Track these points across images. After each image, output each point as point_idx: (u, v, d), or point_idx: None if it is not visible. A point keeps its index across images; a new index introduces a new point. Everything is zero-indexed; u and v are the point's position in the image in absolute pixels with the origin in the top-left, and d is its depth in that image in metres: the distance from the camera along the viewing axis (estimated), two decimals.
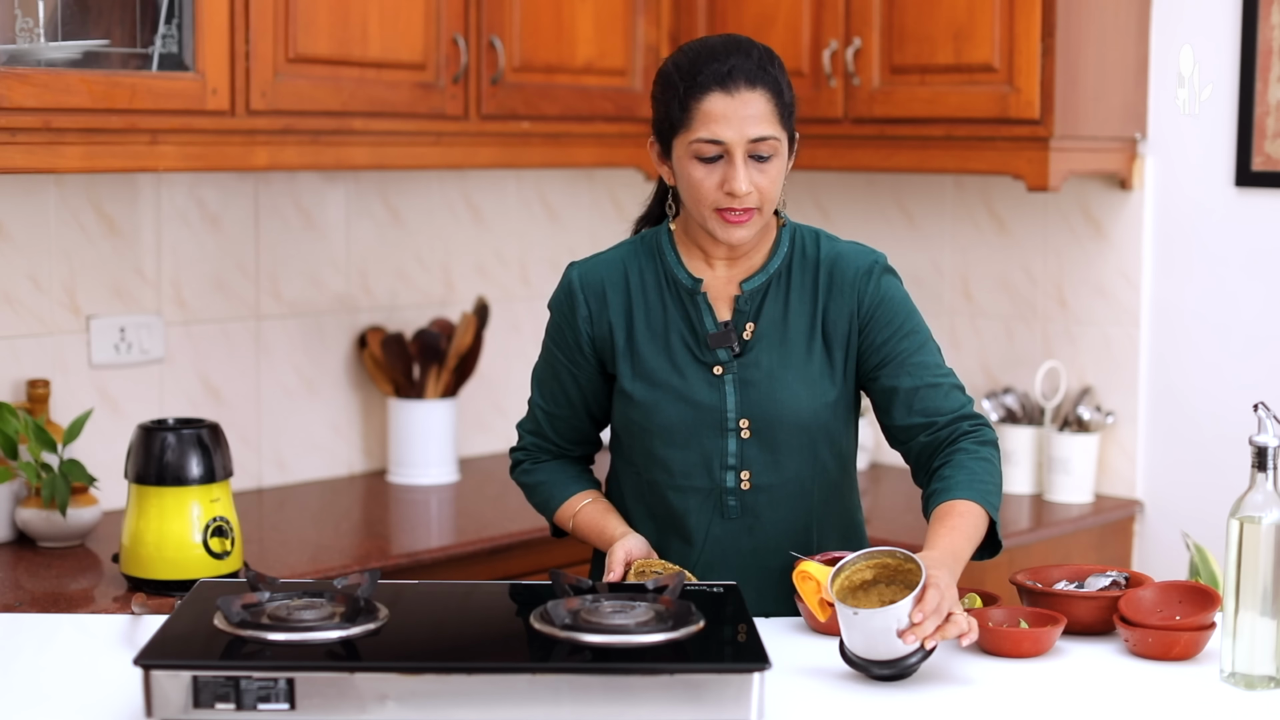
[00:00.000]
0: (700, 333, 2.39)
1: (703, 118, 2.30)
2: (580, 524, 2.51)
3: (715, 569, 2.42)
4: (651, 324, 2.42)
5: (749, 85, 2.30)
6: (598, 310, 2.43)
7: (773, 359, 2.38)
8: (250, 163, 3.13)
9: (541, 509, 2.57)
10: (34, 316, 3.23)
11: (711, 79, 2.30)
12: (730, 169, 2.30)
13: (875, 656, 2.06)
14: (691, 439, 2.39)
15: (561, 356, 2.48)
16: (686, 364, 2.40)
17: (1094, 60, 3.45)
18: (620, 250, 2.48)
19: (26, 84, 2.80)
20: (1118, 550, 3.65)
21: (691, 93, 2.31)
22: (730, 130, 2.29)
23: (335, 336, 3.71)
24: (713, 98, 2.30)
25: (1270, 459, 2.11)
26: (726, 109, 2.29)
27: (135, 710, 1.92)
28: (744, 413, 2.38)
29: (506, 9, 3.50)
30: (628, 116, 3.76)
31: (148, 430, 2.76)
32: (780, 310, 2.40)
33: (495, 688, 1.86)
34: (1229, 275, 3.54)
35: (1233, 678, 2.12)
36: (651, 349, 2.41)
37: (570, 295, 2.45)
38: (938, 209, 3.88)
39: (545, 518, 2.59)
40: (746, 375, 2.38)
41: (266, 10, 3.10)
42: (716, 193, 2.31)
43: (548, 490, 2.55)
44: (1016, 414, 3.72)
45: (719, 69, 2.30)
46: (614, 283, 2.43)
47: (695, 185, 2.33)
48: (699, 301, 2.40)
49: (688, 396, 2.39)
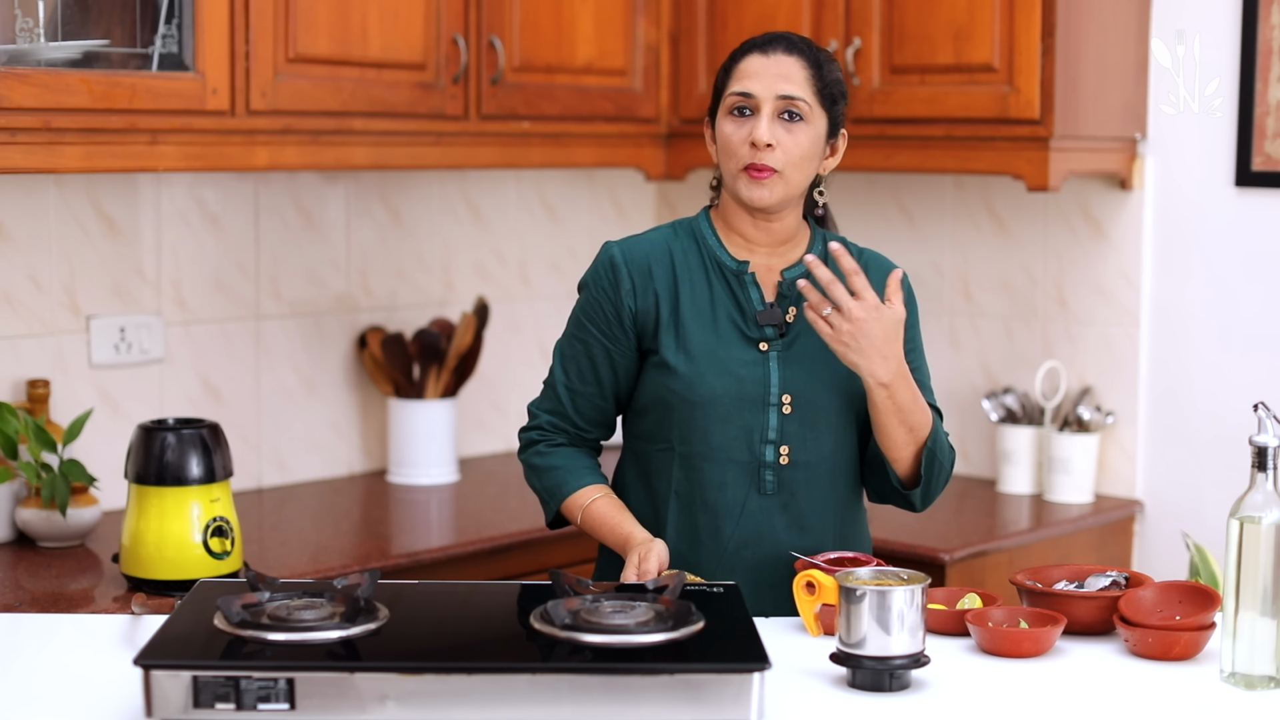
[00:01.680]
0: (748, 310, 2.46)
1: (738, 75, 2.47)
2: (592, 516, 2.49)
3: (749, 545, 2.45)
4: (697, 300, 2.47)
5: (785, 51, 2.46)
6: (642, 284, 2.47)
7: (815, 341, 2.45)
8: (250, 163, 3.13)
9: (549, 494, 2.54)
10: (34, 316, 3.23)
11: (753, 45, 2.49)
12: (755, 120, 2.43)
13: (866, 649, 2.05)
14: (733, 412, 2.43)
15: (596, 332, 2.49)
16: (733, 339, 2.45)
17: (1094, 60, 3.45)
18: (659, 233, 2.54)
19: (26, 84, 2.80)
20: (1118, 550, 3.65)
21: (734, 59, 2.49)
22: (759, 84, 2.44)
23: (335, 336, 3.71)
24: (750, 58, 2.47)
25: (1270, 459, 2.11)
26: (760, 67, 2.45)
27: (135, 710, 1.92)
28: (786, 388, 2.44)
29: (506, 9, 3.50)
30: (628, 116, 3.77)
31: (148, 430, 2.76)
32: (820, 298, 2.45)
33: (495, 688, 1.86)
34: (1229, 275, 3.54)
35: (1233, 678, 2.12)
36: (696, 323, 2.45)
37: (613, 269, 2.49)
38: (938, 209, 3.88)
39: (549, 503, 2.55)
40: (791, 354, 2.46)
41: (266, 10, 3.10)
42: (744, 147, 2.43)
43: (561, 475, 2.53)
44: (1016, 414, 3.72)
45: (762, 39, 2.50)
46: (659, 259, 2.49)
47: (726, 140, 2.46)
48: (746, 281, 2.47)
49: (732, 370, 2.44)
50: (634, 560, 2.38)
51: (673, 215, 4.25)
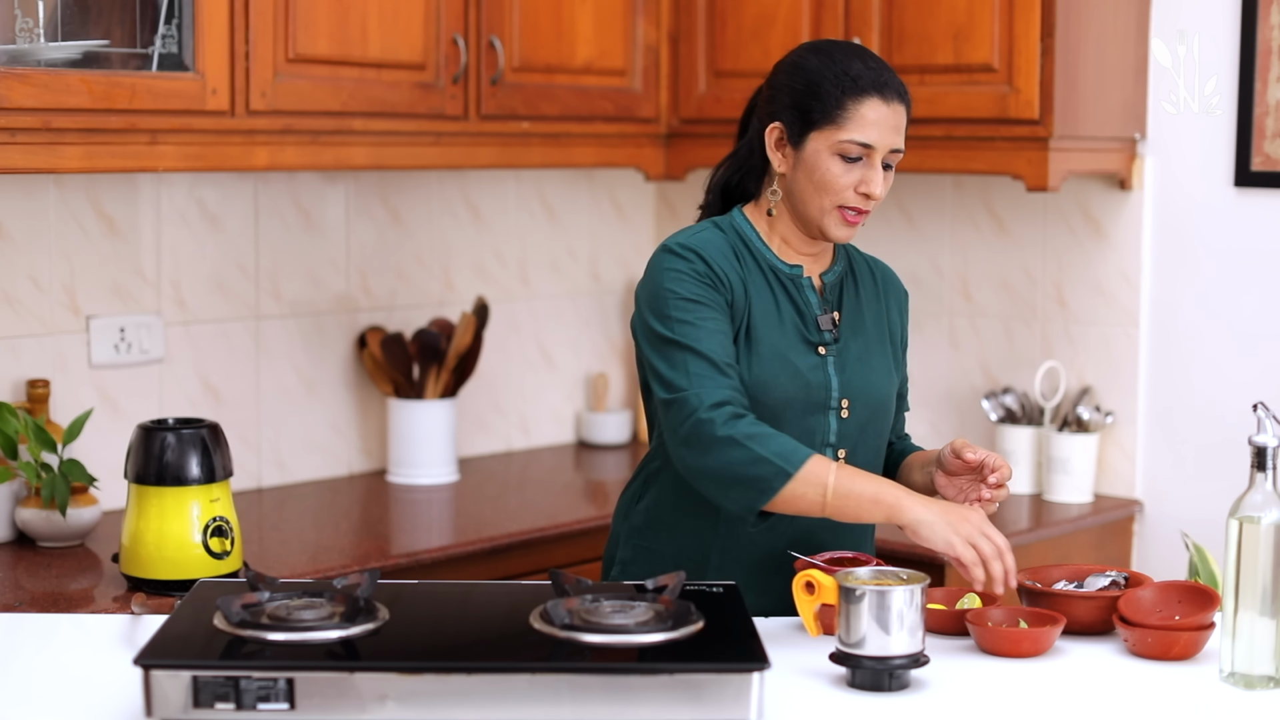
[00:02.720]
0: (807, 314, 2.48)
1: (859, 120, 2.40)
2: (848, 476, 2.28)
3: (797, 545, 2.43)
4: (764, 303, 2.46)
5: (899, 98, 2.44)
6: (724, 276, 2.43)
7: (860, 345, 2.50)
8: (250, 163, 3.13)
9: (784, 457, 2.28)
10: (34, 316, 3.23)
11: (871, 85, 2.42)
12: (870, 172, 2.42)
13: (866, 649, 2.05)
14: (799, 416, 2.44)
15: (715, 312, 2.40)
16: (797, 343, 2.46)
17: (1093, 60, 3.45)
18: (711, 234, 2.48)
19: (26, 84, 2.80)
20: (1117, 550, 3.65)
21: (850, 93, 2.41)
22: (880, 136, 2.41)
23: (335, 336, 3.71)
24: (871, 103, 2.41)
25: (1269, 459, 2.11)
26: (881, 117, 2.41)
27: (135, 710, 1.92)
28: (844, 392, 2.47)
29: (506, 9, 3.50)
30: (627, 116, 3.77)
31: (148, 430, 2.76)
32: (855, 302, 2.54)
33: (495, 688, 1.86)
34: (1228, 275, 3.54)
35: (1232, 677, 2.13)
36: (765, 325, 2.45)
37: (702, 258, 2.42)
38: (937, 209, 3.88)
39: (783, 468, 2.27)
40: (842, 358, 2.48)
41: (266, 10, 3.11)
42: (848, 191, 2.43)
43: (789, 441, 2.31)
44: (1016, 414, 3.72)
45: (875, 77, 2.42)
46: (728, 259, 2.46)
47: (831, 180, 2.42)
48: (803, 285, 2.49)
49: (802, 374, 2.44)
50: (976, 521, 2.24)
51: (672, 215, 4.25)
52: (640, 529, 2.55)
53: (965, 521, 2.23)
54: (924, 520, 2.24)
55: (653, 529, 2.54)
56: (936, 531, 2.23)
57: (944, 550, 2.22)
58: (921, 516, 2.24)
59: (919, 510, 2.24)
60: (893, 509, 2.26)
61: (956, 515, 2.24)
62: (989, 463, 2.38)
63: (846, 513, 2.28)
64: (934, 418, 3.82)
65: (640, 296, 2.46)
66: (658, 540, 2.53)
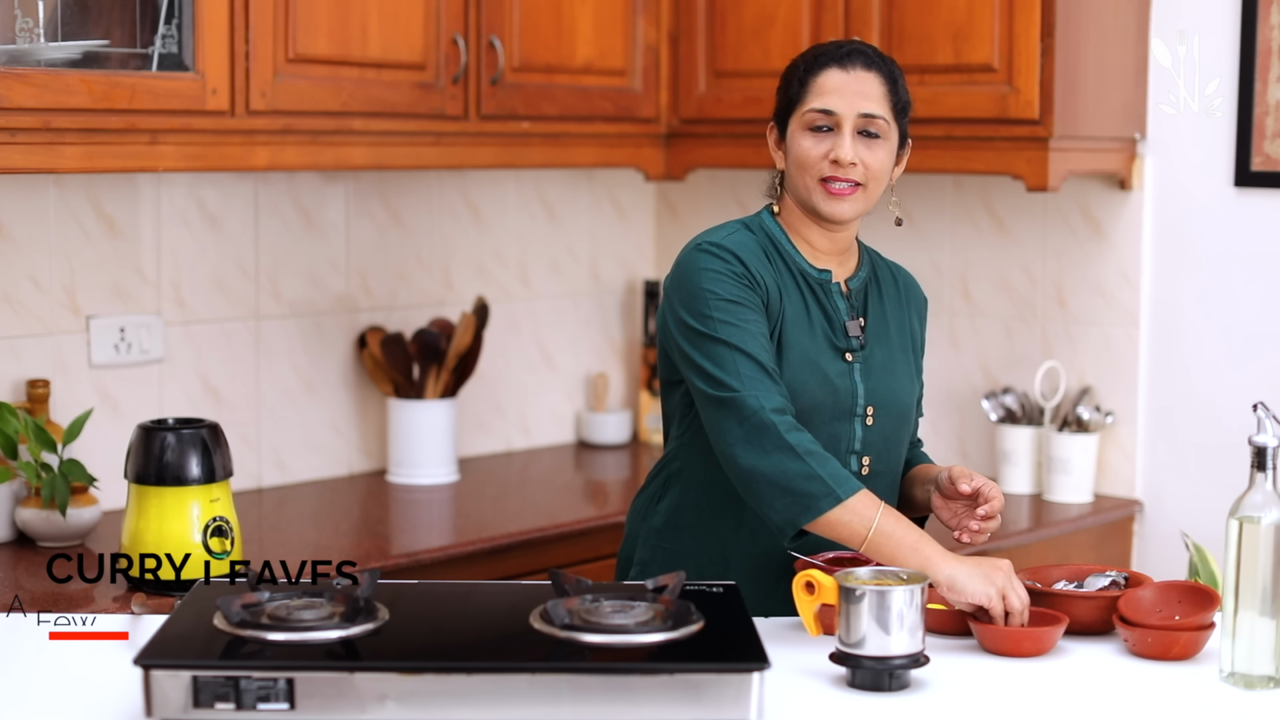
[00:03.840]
0: (835, 320, 2.47)
1: (817, 90, 2.44)
2: (893, 519, 2.28)
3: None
4: (795, 308, 2.45)
5: (865, 66, 2.44)
6: (759, 277, 2.42)
7: (884, 353, 2.50)
8: (250, 163, 3.13)
9: (835, 483, 2.27)
10: (34, 316, 3.23)
11: (830, 58, 2.46)
12: (838, 138, 2.42)
13: (866, 649, 2.05)
14: (826, 422, 2.43)
15: (756, 314, 2.38)
16: (825, 348, 2.45)
17: (1093, 60, 3.45)
18: (743, 235, 2.47)
19: (26, 84, 2.80)
20: (1117, 550, 3.65)
21: (810, 70, 2.46)
22: (841, 102, 2.42)
23: (335, 336, 3.71)
24: (829, 72, 2.45)
25: (1269, 459, 2.11)
26: (840, 83, 2.43)
27: (135, 710, 1.92)
28: (870, 400, 2.47)
29: (506, 9, 3.50)
30: (628, 116, 3.77)
31: (148, 430, 2.76)
32: (879, 308, 2.53)
33: (495, 688, 1.86)
34: (1228, 275, 3.54)
35: (1232, 677, 2.13)
36: (795, 330, 2.44)
37: (740, 260, 2.41)
38: (937, 209, 3.88)
39: (819, 491, 2.27)
40: (868, 365, 2.48)
41: (266, 10, 3.11)
42: (822, 162, 2.43)
43: (841, 468, 2.31)
44: (1016, 414, 3.72)
45: (836, 50, 2.47)
46: (761, 262, 2.45)
47: (803, 154, 2.44)
48: (831, 290, 2.48)
49: (831, 380, 2.44)
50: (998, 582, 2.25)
51: (672, 215, 4.25)
52: (660, 530, 2.55)
53: (997, 571, 2.26)
54: (958, 575, 2.24)
55: (674, 530, 2.53)
56: (972, 584, 2.24)
57: (980, 602, 2.24)
58: (955, 572, 2.25)
59: (953, 566, 2.25)
60: (928, 560, 2.26)
61: (989, 566, 2.27)
62: (983, 492, 2.42)
63: (884, 553, 2.27)
64: (934, 418, 3.82)
65: (673, 295, 2.43)
66: (679, 541, 2.52)
